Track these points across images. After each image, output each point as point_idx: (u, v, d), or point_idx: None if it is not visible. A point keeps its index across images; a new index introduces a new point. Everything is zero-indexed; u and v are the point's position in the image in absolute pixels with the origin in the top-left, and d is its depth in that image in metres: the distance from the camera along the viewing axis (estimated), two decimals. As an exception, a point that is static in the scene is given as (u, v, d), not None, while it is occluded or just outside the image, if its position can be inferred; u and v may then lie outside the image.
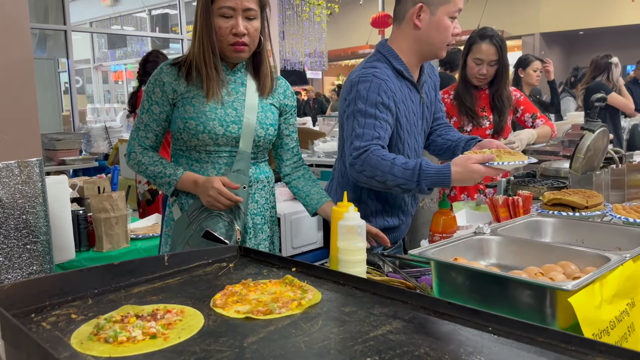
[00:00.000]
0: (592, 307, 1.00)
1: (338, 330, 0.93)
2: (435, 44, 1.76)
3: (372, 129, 1.68)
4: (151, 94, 1.70)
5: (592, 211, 1.64)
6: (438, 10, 1.72)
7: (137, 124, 1.75)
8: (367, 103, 1.69)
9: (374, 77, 1.71)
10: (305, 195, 1.84)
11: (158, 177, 1.71)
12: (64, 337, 0.92)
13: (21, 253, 1.73)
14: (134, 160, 1.74)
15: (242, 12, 1.61)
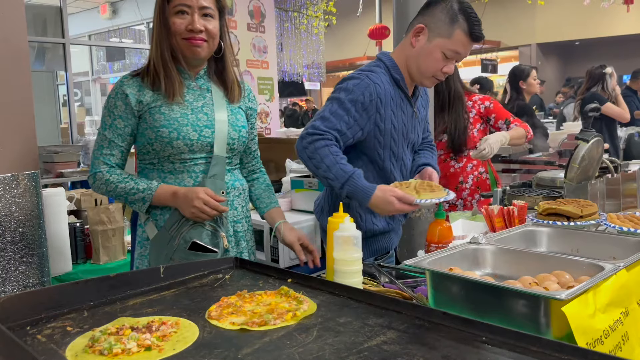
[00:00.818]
0: (586, 316, 1.00)
1: (333, 340, 0.93)
2: (421, 69, 1.77)
3: (339, 120, 1.71)
4: (113, 109, 1.63)
5: (587, 220, 1.64)
6: (435, 40, 1.72)
7: (99, 142, 1.65)
8: (348, 97, 1.72)
9: (366, 77, 1.74)
10: (256, 198, 1.88)
11: (130, 194, 1.62)
12: (59, 350, 0.93)
13: (18, 266, 1.73)
14: (100, 180, 1.64)
15: (198, 10, 1.59)
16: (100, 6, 11.55)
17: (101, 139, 1.65)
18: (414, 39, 1.76)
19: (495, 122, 2.82)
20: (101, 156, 1.65)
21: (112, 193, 1.64)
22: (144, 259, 1.69)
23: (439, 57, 1.72)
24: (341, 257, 1.31)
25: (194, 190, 1.59)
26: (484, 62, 12.73)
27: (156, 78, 1.62)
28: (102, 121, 1.65)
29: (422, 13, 1.79)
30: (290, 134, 5.10)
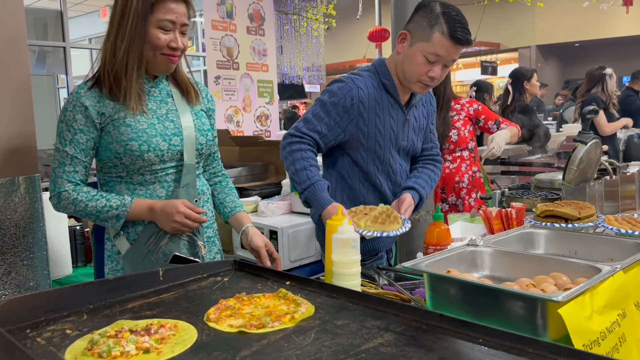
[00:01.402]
0: (582, 318, 1.00)
1: (330, 343, 0.94)
2: (406, 74, 1.79)
3: (320, 122, 1.78)
4: (72, 123, 1.53)
5: (585, 222, 1.65)
6: (416, 44, 1.74)
7: (59, 159, 1.55)
8: (331, 99, 1.78)
9: (350, 81, 1.80)
10: (219, 202, 1.82)
11: (102, 212, 1.54)
12: (58, 353, 0.93)
13: (18, 269, 1.73)
14: (66, 200, 1.54)
15: (179, 27, 1.55)
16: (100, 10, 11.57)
17: (61, 156, 1.55)
18: (399, 45, 1.80)
19: (485, 122, 2.92)
20: (64, 174, 1.55)
21: (81, 213, 1.55)
22: (116, 273, 1.62)
23: (421, 60, 1.73)
24: (340, 260, 1.31)
25: (172, 204, 1.54)
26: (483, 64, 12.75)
27: (114, 87, 1.54)
28: (59, 136, 1.55)
29: (411, 17, 1.81)
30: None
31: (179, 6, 1.53)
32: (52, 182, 1.56)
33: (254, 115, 5.62)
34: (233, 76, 5.26)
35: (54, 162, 1.55)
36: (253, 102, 5.58)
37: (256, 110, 5.64)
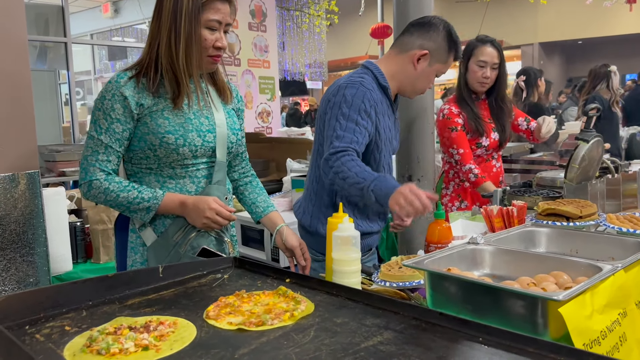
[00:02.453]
0: (583, 317, 1.00)
1: (329, 341, 0.93)
2: (416, 87, 1.94)
3: (352, 133, 1.77)
4: (110, 111, 1.52)
5: (586, 221, 1.64)
6: (435, 65, 1.89)
7: (92, 147, 1.53)
8: (351, 108, 1.78)
9: (360, 85, 1.82)
10: (251, 202, 1.82)
11: (133, 203, 1.53)
12: (57, 349, 0.93)
13: (18, 265, 1.73)
14: (97, 189, 1.53)
15: (224, 26, 1.57)
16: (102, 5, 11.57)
17: (95, 144, 1.54)
18: (416, 61, 1.88)
19: (516, 119, 2.84)
20: (96, 162, 1.53)
21: (111, 203, 1.55)
22: (140, 265, 1.62)
23: (432, 78, 1.94)
24: (340, 257, 1.31)
25: (204, 201, 1.54)
26: (486, 61, 12.69)
27: (161, 84, 1.56)
28: (94, 124, 1.54)
29: (420, 35, 1.88)
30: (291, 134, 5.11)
31: (225, 6, 1.55)
32: (83, 169, 1.54)
33: (256, 112, 5.62)
34: (234, 72, 5.26)
35: (86, 150, 1.54)
36: (254, 99, 5.57)
37: (257, 107, 5.64)
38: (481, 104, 2.72)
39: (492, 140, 2.68)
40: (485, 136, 2.65)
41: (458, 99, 2.71)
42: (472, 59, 2.64)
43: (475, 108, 2.66)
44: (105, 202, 1.55)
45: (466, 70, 2.68)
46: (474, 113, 2.65)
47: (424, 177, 2.51)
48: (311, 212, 1.97)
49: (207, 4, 1.52)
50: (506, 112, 2.70)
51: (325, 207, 1.94)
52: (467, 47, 2.68)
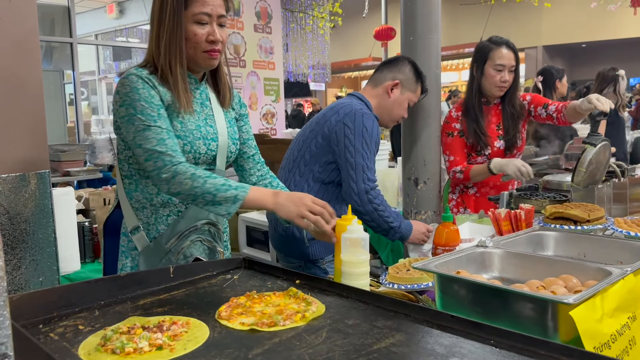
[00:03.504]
0: (593, 320, 1.01)
1: (342, 342, 0.94)
2: (392, 115, 2.19)
3: (373, 163, 2.02)
4: (150, 99, 1.43)
5: (594, 225, 1.64)
6: (406, 93, 2.16)
7: (155, 136, 1.41)
8: (372, 139, 2.01)
9: (372, 116, 2.06)
10: None
11: (221, 190, 1.37)
12: (71, 348, 0.94)
13: (28, 264, 1.74)
14: (184, 174, 1.38)
15: (216, 19, 1.49)
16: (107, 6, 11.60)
17: (156, 132, 1.40)
18: (390, 91, 2.15)
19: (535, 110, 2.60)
20: (168, 148, 1.40)
21: (196, 190, 1.38)
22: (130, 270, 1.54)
23: (406, 106, 2.19)
24: (349, 259, 1.31)
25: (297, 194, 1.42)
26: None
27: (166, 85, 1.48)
28: (142, 115, 1.41)
29: (390, 69, 2.18)
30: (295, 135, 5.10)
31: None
32: (158, 159, 1.39)
33: (260, 113, 5.63)
34: (240, 74, 5.27)
35: (149, 142, 1.40)
36: (259, 100, 5.58)
37: (262, 108, 5.65)
38: (492, 110, 2.57)
39: (496, 149, 2.54)
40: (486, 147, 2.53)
41: (465, 106, 2.57)
42: (488, 63, 2.48)
43: (481, 120, 2.52)
44: (190, 189, 1.38)
45: (482, 74, 2.51)
46: (477, 126, 2.51)
47: (430, 180, 2.51)
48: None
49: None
50: (517, 118, 2.55)
51: None
52: (482, 50, 2.53)
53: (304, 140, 2.10)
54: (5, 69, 1.70)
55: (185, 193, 1.39)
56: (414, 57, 2.46)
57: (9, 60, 1.71)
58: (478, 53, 2.55)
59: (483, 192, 2.59)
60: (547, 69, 4.39)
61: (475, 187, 2.60)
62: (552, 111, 2.52)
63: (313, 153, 2.05)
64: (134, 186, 1.54)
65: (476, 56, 2.57)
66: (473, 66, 2.57)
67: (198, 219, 1.55)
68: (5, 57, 1.70)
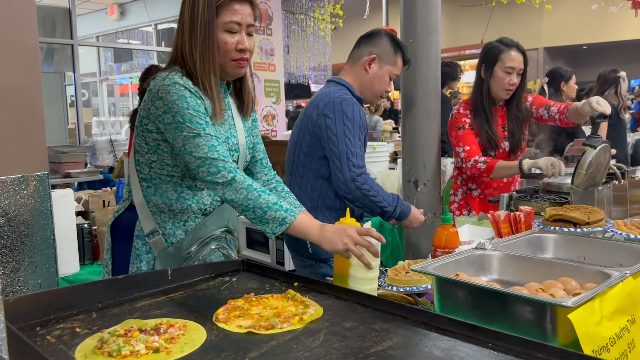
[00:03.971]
0: (592, 323, 1.00)
1: (339, 345, 0.94)
2: (373, 91, 2.14)
3: (361, 150, 2.00)
4: (198, 107, 1.43)
5: (594, 227, 1.64)
6: (385, 67, 2.11)
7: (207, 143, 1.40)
8: (355, 125, 1.98)
9: (352, 101, 2.02)
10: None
11: (272, 209, 1.38)
12: (68, 351, 0.94)
13: (27, 266, 1.74)
14: (241, 184, 1.38)
15: (245, 28, 1.50)
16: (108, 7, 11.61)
17: (206, 140, 1.40)
18: (367, 67, 2.10)
19: (537, 111, 2.60)
20: (223, 155, 1.40)
21: (249, 202, 1.38)
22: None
23: (387, 80, 2.13)
24: (358, 263, 1.29)
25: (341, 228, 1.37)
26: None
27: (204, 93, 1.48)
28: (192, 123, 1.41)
29: (367, 44, 2.12)
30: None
31: (244, 7, 1.49)
32: (212, 166, 1.39)
33: (261, 115, 5.63)
34: (240, 75, 5.27)
35: (201, 149, 1.40)
36: (260, 102, 5.58)
37: (263, 110, 5.65)
38: (498, 111, 2.56)
39: (502, 151, 2.54)
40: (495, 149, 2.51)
41: (474, 107, 2.54)
42: (498, 65, 2.45)
43: (491, 119, 2.50)
44: (244, 199, 1.38)
45: (491, 76, 2.48)
46: (488, 127, 2.49)
47: (430, 182, 2.51)
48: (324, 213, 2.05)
49: (222, 7, 1.46)
50: (522, 121, 2.54)
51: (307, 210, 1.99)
52: (492, 51, 2.49)
53: (295, 142, 2.11)
54: (4, 71, 1.70)
55: (238, 202, 1.39)
56: (413, 59, 2.46)
57: (8, 62, 1.71)
58: (487, 54, 2.52)
59: (487, 194, 2.58)
60: (554, 70, 4.32)
61: (479, 188, 2.59)
62: (554, 112, 2.51)
63: (306, 152, 2.05)
64: (153, 190, 1.53)
65: (485, 57, 2.53)
66: (481, 67, 2.53)
67: (218, 227, 1.56)
68: (5, 59, 1.70)
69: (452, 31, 14.80)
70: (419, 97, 2.49)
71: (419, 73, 2.48)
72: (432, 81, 2.50)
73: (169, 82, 1.43)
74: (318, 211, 2.03)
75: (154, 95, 1.45)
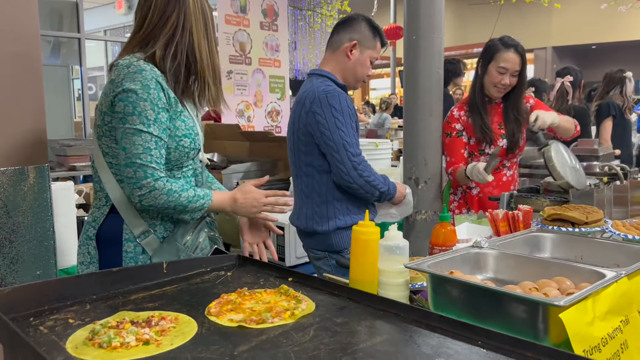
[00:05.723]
0: (584, 323, 1.00)
1: (329, 340, 0.94)
2: (356, 76, 2.15)
3: (355, 138, 2.02)
4: (157, 101, 1.42)
5: (592, 227, 1.63)
6: (365, 52, 2.13)
7: (142, 143, 1.40)
8: (345, 115, 2.00)
9: (336, 90, 2.03)
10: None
11: (192, 202, 1.47)
12: (59, 342, 0.94)
13: (25, 258, 1.75)
14: (160, 190, 1.42)
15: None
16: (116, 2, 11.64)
17: (145, 140, 1.40)
18: (349, 53, 2.12)
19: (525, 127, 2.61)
20: (152, 161, 1.41)
21: (170, 203, 1.44)
22: None
23: (368, 64, 2.16)
24: (387, 268, 1.23)
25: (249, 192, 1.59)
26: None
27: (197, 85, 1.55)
28: (140, 116, 1.40)
29: (346, 30, 2.13)
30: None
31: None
32: (139, 170, 1.40)
33: (265, 111, 5.63)
34: (245, 71, 5.26)
35: (136, 148, 1.40)
36: (264, 98, 5.58)
37: (267, 106, 5.64)
38: (495, 108, 2.56)
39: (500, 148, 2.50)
40: (491, 144, 2.52)
41: (470, 102, 2.55)
42: (492, 63, 2.47)
43: (485, 116, 2.51)
44: (164, 204, 1.44)
45: (485, 72, 2.51)
46: (482, 121, 2.50)
47: (431, 179, 2.50)
48: (305, 214, 2.11)
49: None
50: (520, 122, 2.53)
51: (317, 206, 2.08)
52: (489, 49, 2.51)
53: (293, 144, 2.14)
54: (5, 63, 1.71)
55: (157, 206, 1.45)
56: (416, 56, 2.46)
57: (9, 54, 1.71)
58: (485, 51, 2.53)
59: (486, 192, 2.57)
60: (570, 68, 4.29)
61: (478, 187, 2.58)
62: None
63: (306, 152, 2.07)
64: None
65: (483, 54, 2.54)
66: (479, 63, 2.55)
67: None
68: (6, 52, 1.71)
69: (460, 29, 14.74)
70: (421, 94, 2.48)
71: (421, 70, 2.47)
72: (435, 79, 2.50)
73: (137, 70, 1.42)
74: (329, 205, 2.07)
75: (116, 85, 1.43)
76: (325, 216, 2.07)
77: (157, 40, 1.49)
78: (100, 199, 1.54)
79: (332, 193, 2.07)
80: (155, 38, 1.49)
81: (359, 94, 18.76)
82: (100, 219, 1.53)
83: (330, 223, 2.06)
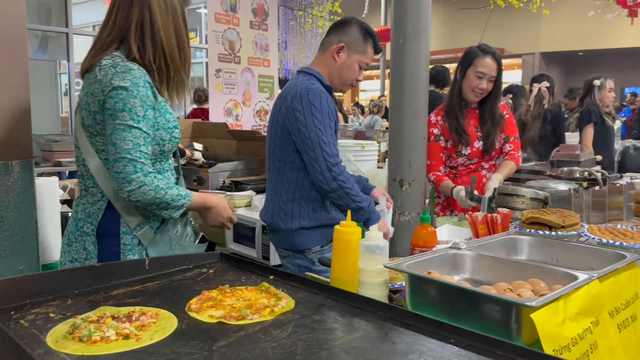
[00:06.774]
0: (554, 323, 1.03)
1: (306, 337, 0.96)
2: (342, 79, 2.14)
3: (333, 138, 2.00)
4: (145, 98, 1.47)
5: (569, 231, 1.67)
6: (354, 55, 2.11)
7: (132, 139, 1.43)
8: (324, 114, 1.98)
9: (319, 90, 2.01)
10: None
11: (176, 200, 1.52)
12: (40, 335, 0.96)
13: (8, 252, 1.75)
14: (149, 185, 1.45)
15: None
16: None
17: (134, 135, 1.44)
18: (336, 55, 2.10)
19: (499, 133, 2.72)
20: (141, 156, 1.45)
21: (157, 200, 1.48)
22: None
23: (356, 68, 2.13)
24: (367, 268, 1.26)
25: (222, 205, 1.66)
26: (486, 68, 12.71)
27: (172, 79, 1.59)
28: (130, 112, 1.44)
29: (337, 32, 2.12)
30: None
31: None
32: (129, 165, 1.43)
33: (254, 110, 5.64)
34: (234, 70, 5.27)
35: (126, 143, 1.43)
36: (253, 97, 5.59)
37: (256, 105, 5.65)
38: (471, 112, 2.70)
39: (475, 149, 2.65)
40: (467, 145, 2.64)
41: (447, 106, 2.70)
42: (470, 68, 2.62)
43: (461, 119, 2.65)
44: (151, 200, 1.47)
45: (463, 77, 2.66)
46: (457, 124, 2.64)
47: (415, 181, 2.53)
48: (271, 210, 2.10)
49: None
50: (495, 125, 2.67)
51: (284, 202, 2.06)
52: (468, 55, 2.66)
53: (270, 137, 2.12)
54: (-8, 58, 1.71)
55: (143, 202, 1.47)
56: (403, 60, 2.48)
57: (-4, 48, 1.72)
58: (465, 57, 2.68)
59: None
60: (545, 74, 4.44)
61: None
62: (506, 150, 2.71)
63: (280, 146, 2.06)
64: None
65: (462, 60, 2.69)
66: (458, 68, 2.70)
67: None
68: (-8, 46, 1.71)
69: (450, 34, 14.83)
70: (407, 97, 2.51)
71: (407, 74, 2.50)
72: (421, 82, 2.52)
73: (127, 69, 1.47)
74: (295, 203, 2.05)
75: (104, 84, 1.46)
76: (290, 214, 2.04)
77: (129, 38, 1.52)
78: (94, 194, 1.56)
79: (300, 192, 2.05)
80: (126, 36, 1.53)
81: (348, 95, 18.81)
82: (98, 215, 1.55)
83: (294, 221, 2.03)
